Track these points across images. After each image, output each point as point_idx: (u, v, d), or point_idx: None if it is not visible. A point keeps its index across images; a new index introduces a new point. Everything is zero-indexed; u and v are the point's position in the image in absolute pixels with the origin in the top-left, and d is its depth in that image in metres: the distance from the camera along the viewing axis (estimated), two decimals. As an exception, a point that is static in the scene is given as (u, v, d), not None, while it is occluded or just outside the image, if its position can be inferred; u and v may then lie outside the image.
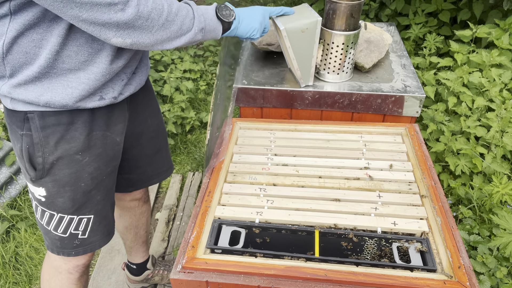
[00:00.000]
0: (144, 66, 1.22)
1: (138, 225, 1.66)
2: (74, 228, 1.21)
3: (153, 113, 1.40)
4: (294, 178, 1.18)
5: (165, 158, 1.53)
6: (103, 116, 1.14)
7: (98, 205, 1.23)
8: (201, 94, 3.24)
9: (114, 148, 1.21)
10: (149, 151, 1.42)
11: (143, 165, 1.44)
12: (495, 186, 1.68)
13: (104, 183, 1.22)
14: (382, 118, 1.50)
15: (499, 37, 2.25)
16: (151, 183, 1.52)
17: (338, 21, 1.38)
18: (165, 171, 1.54)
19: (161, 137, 1.47)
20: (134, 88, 1.18)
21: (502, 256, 1.59)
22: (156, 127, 1.42)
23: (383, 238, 1.00)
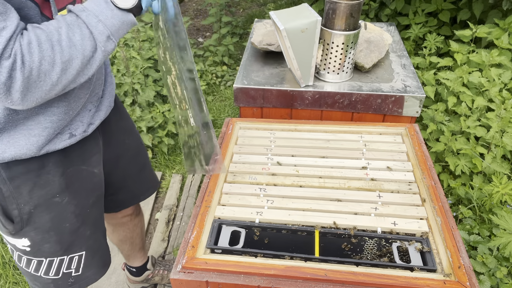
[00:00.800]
0: (110, 85, 1.13)
1: (133, 236, 1.63)
2: (66, 268, 1.15)
3: (129, 132, 1.34)
4: (294, 178, 1.18)
5: (150, 174, 1.49)
6: (75, 152, 1.06)
7: (89, 240, 1.18)
8: (201, 94, 3.23)
9: (93, 180, 1.15)
10: (132, 171, 1.38)
11: (128, 185, 1.39)
12: (495, 186, 1.68)
13: (91, 216, 1.17)
14: (382, 118, 1.50)
15: (499, 36, 2.25)
16: (139, 200, 1.49)
17: (338, 21, 1.38)
18: (152, 186, 1.51)
19: (142, 154, 1.42)
20: (105, 114, 1.10)
21: (502, 256, 1.59)
22: (135, 146, 1.37)
23: (383, 238, 1.00)
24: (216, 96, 3.40)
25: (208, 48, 3.76)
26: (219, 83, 3.56)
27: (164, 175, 2.59)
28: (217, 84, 3.54)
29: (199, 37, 4.39)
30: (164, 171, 2.62)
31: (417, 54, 2.85)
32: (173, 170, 2.64)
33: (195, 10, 4.95)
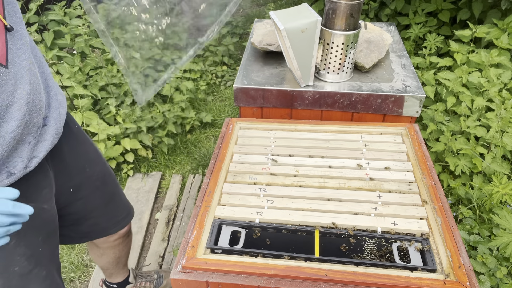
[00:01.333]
0: (55, 110, 0.99)
1: (121, 256, 1.55)
2: None
3: (91, 160, 1.20)
4: (294, 178, 1.18)
5: (121, 204, 1.37)
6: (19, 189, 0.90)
7: (46, 281, 1.08)
8: (201, 94, 3.24)
9: (42, 217, 1.03)
10: (97, 202, 1.25)
11: (93, 217, 1.27)
12: (495, 186, 1.68)
13: (44, 254, 1.06)
14: (382, 118, 1.50)
15: (498, 37, 2.25)
16: (109, 233, 1.37)
17: (338, 21, 1.38)
18: (124, 217, 1.39)
19: (109, 183, 1.29)
20: (51, 144, 0.97)
21: (502, 256, 1.59)
22: (100, 175, 1.23)
23: (383, 238, 1.00)
24: (216, 96, 3.40)
25: (208, 48, 3.76)
26: (219, 83, 3.56)
27: (164, 175, 2.59)
28: (217, 84, 3.54)
29: (199, 37, 4.38)
30: (164, 171, 2.62)
31: (417, 54, 2.85)
32: (173, 170, 2.64)
33: (195, 10, 4.95)
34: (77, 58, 2.60)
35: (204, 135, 2.94)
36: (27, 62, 0.86)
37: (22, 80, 0.84)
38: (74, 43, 2.75)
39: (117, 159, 2.44)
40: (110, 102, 2.46)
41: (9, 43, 0.81)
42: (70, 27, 2.75)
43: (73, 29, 2.74)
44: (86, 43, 2.75)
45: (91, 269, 2.01)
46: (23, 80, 0.84)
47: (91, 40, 2.80)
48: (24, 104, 0.85)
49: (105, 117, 2.52)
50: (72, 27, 2.75)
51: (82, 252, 2.09)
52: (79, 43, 2.72)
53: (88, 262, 2.05)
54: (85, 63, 2.66)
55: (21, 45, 0.85)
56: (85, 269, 2.02)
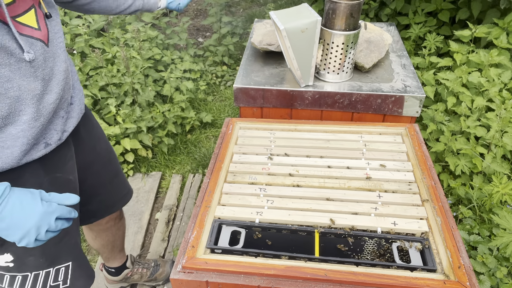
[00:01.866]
0: (79, 92, 1.13)
1: (115, 239, 1.61)
2: (53, 280, 1.11)
3: (100, 139, 1.32)
4: (294, 178, 1.18)
5: (123, 181, 1.47)
6: (50, 160, 1.05)
7: (75, 249, 1.16)
8: (201, 94, 3.24)
9: (69, 187, 1.12)
10: (105, 177, 1.35)
11: (101, 193, 1.36)
12: (495, 186, 1.68)
13: (73, 224, 1.14)
14: (382, 118, 1.50)
15: (498, 36, 2.25)
16: (113, 210, 1.46)
17: (338, 21, 1.38)
18: (126, 194, 1.48)
19: (114, 161, 1.40)
20: (76, 120, 1.10)
21: (502, 256, 1.59)
22: (107, 153, 1.35)
23: (383, 238, 1.00)
24: (216, 96, 3.40)
25: (208, 48, 3.76)
26: (219, 83, 3.56)
27: (164, 175, 2.60)
28: (217, 84, 3.54)
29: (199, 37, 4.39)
30: (164, 171, 2.62)
31: (417, 54, 2.85)
32: (173, 170, 2.64)
33: (195, 10, 4.95)
34: (77, 58, 2.60)
35: (204, 135, 2.94)
36: (62, 44, 1.01)
37: (59, 58, 0.98)
38: (74, 43, 2.75)
39: (117, 159, 2.44)
40: (110, 102, 2.46)
41: (49, 26, 0.96)
42: (70, 27, 2.75)
43: (73, 29, 2.74)
44: (86, 43, 2.76)
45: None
46: (60, 58, 0.98)
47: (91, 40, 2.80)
48: (61, 79, 0.98)
49: (105, 117, 2.52)
50: (72, 27, 2.75)
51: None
52: (79, 43, 2.72)
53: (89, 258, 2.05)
54: (85, 63, 2.66)
55: (58, 30, 1.00)
56: (85, 269, 2.02)
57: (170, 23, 3.95)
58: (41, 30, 0.92)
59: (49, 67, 0.94)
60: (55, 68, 0.97)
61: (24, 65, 0.87)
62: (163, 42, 3.38)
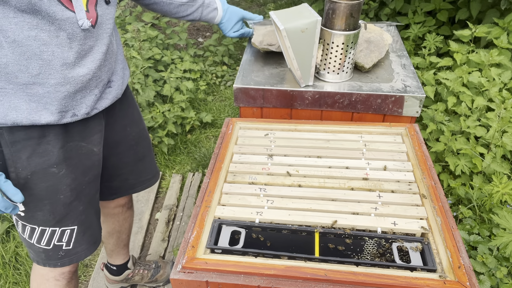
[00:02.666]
0: (120, 78, 1.20)
1: (121, 230, 1.65)
2: (58, 240, 1.19)
3: (133, 122, 1.38)
4: (294, 178, 1.18)
5: (149, 166, 1.51)
6: (77, 128, 1.12)
7: (82, 215, 1.21)
8: (201, 94, 3.24)
9: (92, 158, 1.20)
10: (129, 159, 1.41)
11: (123, 173, 1.42)
12: (495, 186, 1.68)
13: (85, 193, 1.21)
14: (382, 118, 1.50)
15: (498, 36, 2.25)
16: (135, 191, 1.51)
17: (338, 21, 1.38)
18: (150, 179, 1.53)
19: (143, 145, 1.45)
20: (110, 102, 1.17)
21: (502, 256, 1.59)
22: (136, 136, 1.40)
23: (383, 238, 1.00)
24: (216, 96, 3.40)
25: (208, 48, 3.76)
26: (219, 83, 3.56)
27: (164, 175, 2.60)
28: (217, 84, 3.54)
29: (199, 37, 4.39)
30: (164, 171, 2.62)
31: (417, 54, 2.85)
32: (173, 170, 2.64)
33: (195, 10, 4.95)
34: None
35: (204, 135, 2.95)
36: (109, 30, 1.08)
37: (102, 41, 1.06)
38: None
39: (117, 159, 2.44)
40: (110, 102, 2.46)
41: (100, 12, 1.04)
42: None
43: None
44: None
45: (91, 269, 2.01)
46: (103, 41, 1.07)
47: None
48: (98, 59, 1.06)
49: (105, 117, 2.52)
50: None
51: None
52: (79, 43, 2.72)
53: (88, 262, 2.05)
54: (85, 63, 2.65)
55: (110, 18, 1.08)
56: (85, 269, 2.02)
57: (170, 23, 3.95)
58: (89, 12, 1.01)
59: (88, 45, 1.03)
60: (95, 48, 1.05)
61: (62, 34, 0.96)
62: (163, 42, 3.38)
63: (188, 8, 1.45)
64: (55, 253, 1.21)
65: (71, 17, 0.96)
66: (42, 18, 0.91)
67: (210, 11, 1.51)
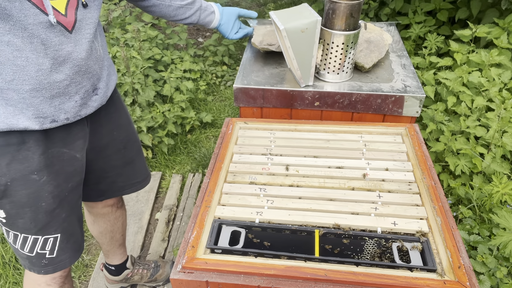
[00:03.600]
0: (105, 85, 1.18)
1: (114, 230, 1.64)
2: (41, 248, 1.17)
3: (120, 126, 1.36)
4: (294, 178, 1.18)
5: (139, 169, 1.50)
6: (58, 134, 1.11)
7: (64, 223, 1.20)
8: (201, 94, 3.24)
9: (74, 164, 1.18)
10: (117, 162, 1.40)
11: (111, 176, 1.41)
12: (495, 186, 1.68)
13: (68, 200, 1.19)
14: (382, 118, 1.51)
15: (499, 36, 2.25)
16: (124, 193, 1.51)
17: (337, 21, 1.38)
18: (140, 182, 1.52)
19: (132, 148, 1.44)
20: (94, 109, 1.15)
21: (502, 256, 1.60)
22: (124, 139, 1.39)
23: (383, 238, 1.00)
24: (216, 96, 3.40)
25: (208, 48, 3.76)
26: (219, 83, 3.56)
27: (164, 175, 2.60)
28: (217, 84, 3.54)
29: (199, 37, 4.39)
30: (164, 171, 2.62)
31: (417, 54, 2.85)
32: (173, 170, 2.64)
33: (195, 10, 4.95)
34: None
35: (204, 135, 2.95)
36: (89, 35, 1.06)
37: (81, 47, 1.04)
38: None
39: (117, 159, 2.44)
40: (110, 102, 2.46)
41: (79, 16, 1.02)
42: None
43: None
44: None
45: (91, 269, 2.01)
46: (82, 47, 1.04)
47: (91, 40, 2.79)
48: (76, 65, 1.04)
49: (105, 117, 2.52)
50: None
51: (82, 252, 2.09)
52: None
53: (88, 262, 2.05)
54: (85, 63, 2.66)
55: (91, 22, 1.05)
56: (85, 269, 2.02)
57: (170, 23, 3.95)
58: (67, 17, 0.99)
59: (66, 51, 1.00)
60: (74, 53, 1.03)
61: (36, 40, 0.94)
62: (163, 42, 3.38)
63: (186, 11, 1.45)
64: (38, 261, 1.19)
65: (45, 22, 0.94)
66: (14, 24, 0.90)
67: (208, 14, 1.51)
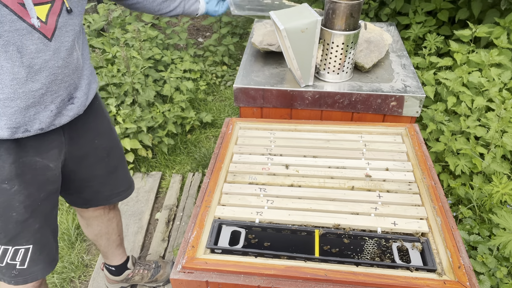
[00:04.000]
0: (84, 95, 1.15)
1: (109, 231, 1.62)
2: (11, 259, 1.14)
3: (102, 134, 1.33)
4: (294, 178, 1.18)
5: (123, 177, 1.48)
6: (31, 143, 1.08)
7: (37, 234, 1.16)
8: (201, 94, 3.24)
9: (47, 174, 1.15)
10: (100, 171, 1.36)
11: (94, 185, 1.38)
12: (495, 186, 1.68)
13: (41, 210, 1.16)
14: (382, 118, 1.51)
15: (499, 36, 2.25)
16: (110, 202, 1.48)
17: (338, 21, 1.38)
18: (125, 190, 1.50)
19: (115, 156, 1.41)
20: (70, 118, 1.12)
21: (502, 256, 1.60)
22: (107, 147, 1.35)
23: (383, 238, 1.00)
24: (216, 96, 3.40)
25: (208, 48, 3.76)
26: (219, 83, 3.56)
27: (164, 175, 2.60)
28: (217, 84, 3.54)
29: (199, 37, 4.39)
30: (164, 171, 2.62)
31: (417, 54, 2.85)
32: (173, 170, 2.64)
33: (195, 10, 4.95)
34: (77, 58, 2.60)
35: (204, 135, 2.95)
36: (68, 43, 1.03)
37: (59, 55, 1.01)
38: (74, 43, 2.75)
39: (117, 159, 2.44)
40: (110, 102, 2.46)
41: (60, 24, 0.99)
42: (70, 27, 2.75)
43: (73, 29, 2.74)
44: (86, 43, 2.75)
45: (91, 269, 2.01)
46: (59, 55, 1.01)
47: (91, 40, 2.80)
48: (52, 73, 1.01)
49: (105, 117, 2.52)
50: (72, 27, 2.75)
51: (82, 252, 2.09)
52: (79, 43, 2.72)
53: (88, 262, 2.05)
54: (85, 63, 2.66)
55: (71, 30, 1.03)
56: (85, 269, 2.02)
57: (170, 23, 3.95)
58: (47, 24, 0.96)
59: (42, 59, 0.98)
60: (51, 62, 1.00)
61: (11, 49, 0.92)
62: (163, 42, 3.38)
63: (171, 4, 1.42)
64: (8, 271, 1.16)
65: (22, 29, 0.91)
66: None
67: (192, 3, 1.49)
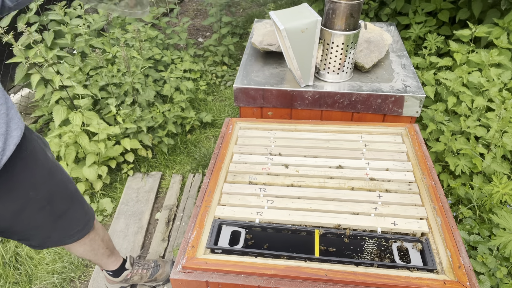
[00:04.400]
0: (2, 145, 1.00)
1: (94, 249, 1.55)
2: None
3: (37, 184, 1.19)
4: (294, 178, 1.18)
5: (76, 218, 1.37)
6: None
7: None
8: (201, 94, 3.24)
9: None
10: (44, 220, 1.26)
11: (41, 233, 1.29)
12: (495, 186, 1.68)
13: None
14: (382, 118, 1.50)
15: (498, 36, 2.25)
16: (65, 243, 1.39)
17: (338, 21, 1.38)
18: (80, 230, 1.40)
19: (61, 201, 1.29)
20: None
21: (502, 256, 1.59)
22: (46, 195, 1.22)
23: (383, 238, 1.00)
24: (216, 96, 3.40)
25: (208, 48, 3.76)
26: (219, 83, 3.56)
27: (164, 175, 2.60)
28: (217, 84, 3.54)
29: (199, 37, 4.39)
30: (164, 171, 2.62)
31: (417, 54, 2.85)
32: (173, 170, 2.64)
33: (195, 10, 4.95)
34: (77, 58, 2.60)
35: (204, 135, 2.94)
36: None
37: None
38: (74, 43, 2.75)
39: (117, 159, 2.44)
40: (110, 102, 2.46)
41: None
42: (71, 27, 2.75)
43: (74, 29, 2.74)
44: (87, 43, 2.75)
45: (91, 269, 2.01)
46: None
47: (91, 40, 2.80)
48: None
49: (105, 117, 2.52)
50: (73, 27, 2.75)
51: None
52: (79, 43, 2.72)
53: (88, 262, 2.05)
54: (85, 63, 2.66)
55: None
56: (85, 269, 2.02)
57: (170, 23, 3.95)
58: None
59: None
60: None
61: None
62: (163, 42, 3.38)
63: None
64: None
65: None
66: None
67: None
